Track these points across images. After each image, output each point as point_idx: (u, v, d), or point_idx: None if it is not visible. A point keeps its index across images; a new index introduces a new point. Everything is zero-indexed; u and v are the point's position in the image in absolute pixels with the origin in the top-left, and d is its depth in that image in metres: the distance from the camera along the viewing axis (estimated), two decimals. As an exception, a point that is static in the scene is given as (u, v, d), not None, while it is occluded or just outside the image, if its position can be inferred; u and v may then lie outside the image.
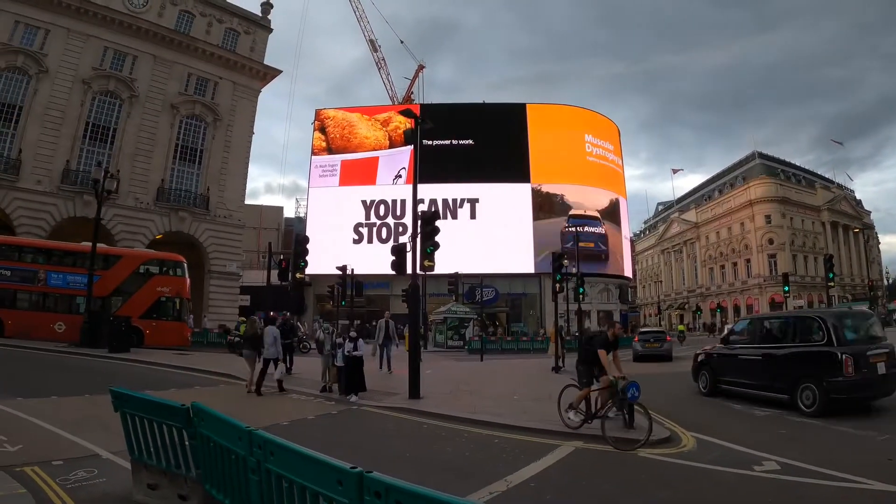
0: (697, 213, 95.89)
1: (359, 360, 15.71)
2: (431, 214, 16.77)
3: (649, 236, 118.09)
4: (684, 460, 9.22)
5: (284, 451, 4.52)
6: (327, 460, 4.01)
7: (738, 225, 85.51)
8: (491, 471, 8.47)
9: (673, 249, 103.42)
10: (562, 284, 27.59)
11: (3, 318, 29.27)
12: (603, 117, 69.26)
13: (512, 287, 59.96)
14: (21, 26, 40.59)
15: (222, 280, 47.13)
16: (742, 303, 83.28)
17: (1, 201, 38.12)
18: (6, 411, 11.69)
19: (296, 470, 4.33)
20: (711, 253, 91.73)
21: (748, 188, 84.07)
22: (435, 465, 8.98)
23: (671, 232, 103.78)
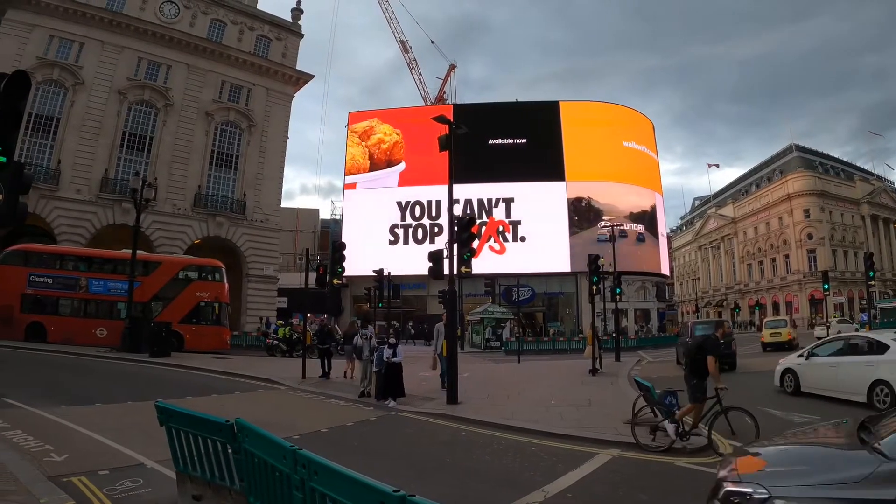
0: (735, 208, 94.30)
1: (397, 366, 15.65)
2: (468, 221, 16.65)
3: (686, 232, 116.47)
4: (722, 470, 8.99)
5: (328, 472, 4.49)
6: (370, 482, 3.94)
7: (776, 220, 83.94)
8: (528, 480, 8.38)
9: (710, 245, 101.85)
10: (598, 285, 27.30)
11: (46, 324, 30.03)
12: (637, 113, 68.27)
13: (548, 286, 59.35)
14: (56, 40, 41.50)
15: (260, 283, 47.53)
16: (781, 300, 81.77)
17: (42, 210, 38.78)
18: (52, 419, 11.84)
19: (339, 490, 4.28)
20: (749, 249, 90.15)
21: (786, 182, 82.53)
22: (472, 474, 8.90)
23: (708, 228, 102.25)
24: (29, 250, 32.47)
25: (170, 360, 25.21)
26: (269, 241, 48.77)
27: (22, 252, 31.85)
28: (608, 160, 60.82)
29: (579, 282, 55.58)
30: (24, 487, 7.01)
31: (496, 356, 37.28)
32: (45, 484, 7.30)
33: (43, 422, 11.60)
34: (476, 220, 16.82)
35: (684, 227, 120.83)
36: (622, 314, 50.49)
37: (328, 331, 24.20)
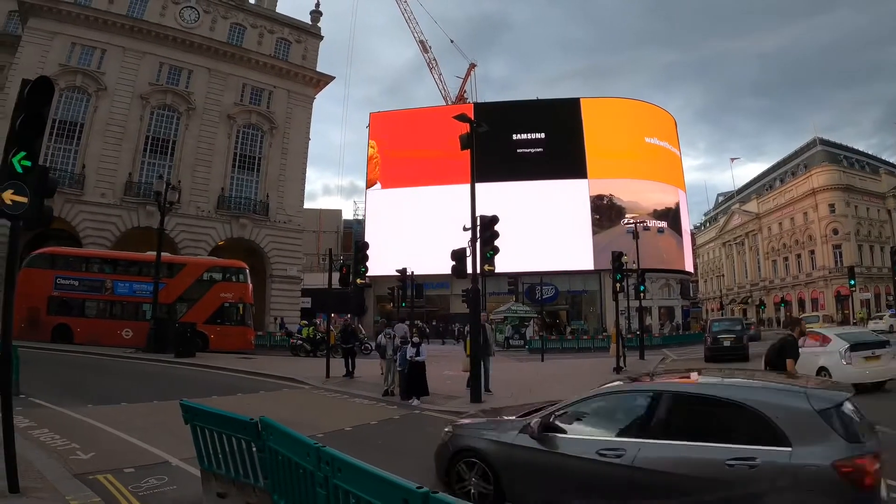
0: (759, 204, 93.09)
1: (421, 365, 15.68)
2: (490, 219, 16.56)
3: (710, 229, 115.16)
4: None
5: (351, 469, 4.51)
6: (394, 479, 3.94)
7: (800, 215, 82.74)
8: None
9: (734, 242, 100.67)
10: (622, 283, 27.12)
11: (73, 325, 30.47)
12: (658, 108, 67.81)
13: (572, 284, 59.25)
14: (78, 47, 42.07)
15: (284, 283, 47.73)
16: (807, 296, 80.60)
17: (67, 214, 39.25)
18: (78, 419, 11.97)
19: (363, 486, 4.29)
20: (774, 245, 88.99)
21: (810, 176, 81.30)
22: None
23: (732, 224, 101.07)
24: (55, 253, 32.93)
25: (195, 360, 25.41)
26: (293, 241, 48.98)
27: (48, 255, 32.31)
28: (630, 157, 60.56)
29: (603, 280, 55.40)
30: (51, 485, 7.07)
31: (520, 355, 37.20)
32: (71, 481, 7.36)
33: (69, 421, 11.72)
34: (498, 219, 16.67)
35: (708, 224, 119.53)
36: (646, 312, 50.17)
37: (352, 330, 24.24)
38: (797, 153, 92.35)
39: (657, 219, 60.74)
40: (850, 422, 5.34)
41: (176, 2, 46.12)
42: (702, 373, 7.90)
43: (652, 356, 31.74)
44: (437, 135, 58.27)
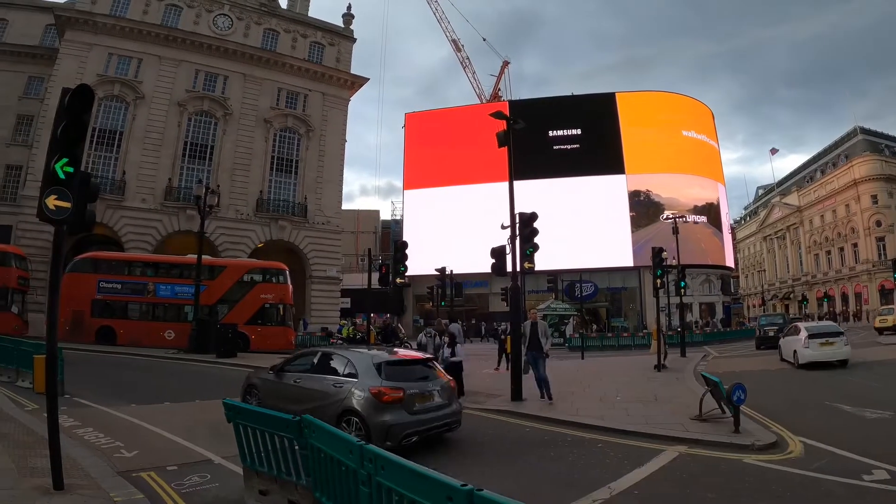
0: (799, 196, 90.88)
1: (457, 365, 15.48)
2: (529, 216, 16.43)
3: (750, 223, 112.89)
4: (790, 468, 8.73)
5: (395, 466, 4.54)
6: (438, 477, 3.98)
7: (842, 207, 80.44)
8: (594, 477, 8.26)
9: (776, 236, 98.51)
10: (662, 279, 26.73)
11: (116, 327, 31.17)
12: (695, 101, 66.88)
13: (611, 281, 58.78)
14: (115, 58, 43.00)
15: (323, 284, 48.00)
16: (850, 291, 78.50)
17: (109, 220, 40.04)
18: (122, 418, 12.16)
19: (406, 484, 4.32)
20: (816, 238, 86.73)
21: (851, 167, 79.00)
22: (538, 472, 8.80)
23: (773, 217, 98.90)
24: (98, 258, 33.70)
25: (236, 360, 25.63)
26: (331, 242, 49.29)
27: (91, 260, 33.08)
28: (668, 151, 59.94)
29: (642, 276, 54.82)
30: (95, 482, 7.14)
31: (559, 353, 36.88)
32: (115, 479, 7.45)
33: (113, 420, 11.91)
34: (537, 216, 16.56)
35: (748, 218, 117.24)
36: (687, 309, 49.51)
37: (392, 329, 24.34)
38: (837, 143, 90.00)
39: (696, 214, 59.90)
40: (392, 371, 10.26)
41: (209, 10, 46.86)
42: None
43: (693, 353, 31.31)
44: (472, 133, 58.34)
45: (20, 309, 32.87)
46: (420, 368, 10.93)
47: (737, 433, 10.56)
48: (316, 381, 10.72)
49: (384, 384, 9.79)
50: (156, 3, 44.94)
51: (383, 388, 9.71)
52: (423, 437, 9.99)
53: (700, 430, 10.96)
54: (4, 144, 44.36)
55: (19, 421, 10.71)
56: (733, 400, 10.68)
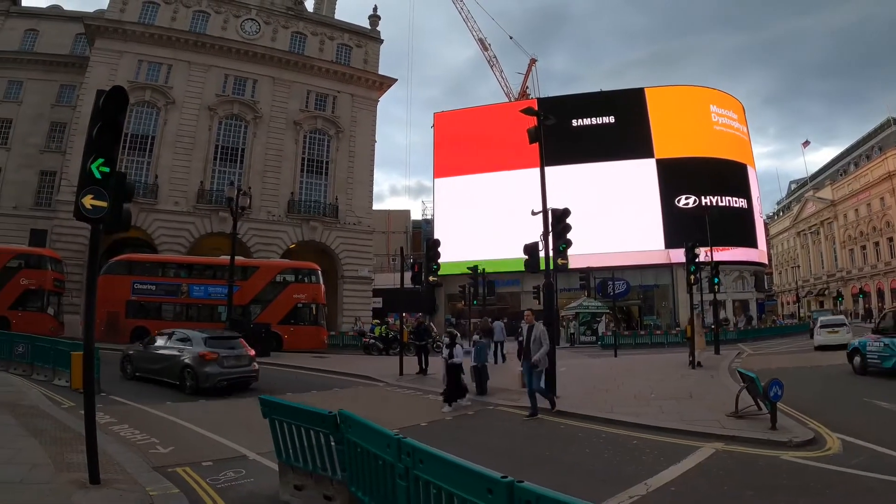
0: (833, 190, 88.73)
1: (456, 367, 14.47)
2: (562, 212, 16.34)
3: (783, 218, 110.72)
4: (828, 464, 8.59)
5: (433, 460, 4.56)
6: (477, 469, 4.03)
7: (877, 200, 78.33)
8: (630, 474, 8.20)
9: (809, 231, 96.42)
10: (695, 275, 26.40)
11: (150, 328, 31.30)
12: (725, 94, 65.94)
13: (644, 279, 58.19)
14: (145, 64, 43.76)
15: (355, 284, 48.23)
16: (886, 286, 76.43)
17: (142, 223, 40.57)
18: (158, 415, 12.32)
19: (445, 477, 4.39)
20: (851, 233, 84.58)
21: (885, 159, 76.76)
22: (573, 468, 8.73)
23: (806, 212, 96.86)
24: (132, 260, 34.32)
25: (269, 359, 25.84)
26: (363, 242, 49.50)
27: (125, 262, 33.69)
28: (699, 146, 59.17)
29: (675, 274, 54.29)
30: (131, 477, 7.22)
31: (592, 351, 36.78)
32: (150, 473, 7.53)
33: (149, 417, 12.06)
34: (570, 212, 16.46)
35: (781, 213, 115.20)
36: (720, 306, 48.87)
37: (425, 328, 24.33)
38: (871, 135, 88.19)
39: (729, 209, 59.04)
40: (212, 342, 16.22)
41: (236, 15, 47.35)
42: None
43: (727, 351, 30.97)
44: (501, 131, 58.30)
45: (56, 310, 33.54)
46: (231, 342, 17.02)
47: (773, 430, 10.41)
48: (168, 350, 16.83)
49: (207, 349, 15.88)
50: (184, 10, 45.61)
51: (206, 352, 15.79)
52: (231, 383, 15.81)
53: (736, 427, 10.82)
54: (38, 151, 45.38)
55: (56, 418, 10.85)
56: (770, 396, 10.54)
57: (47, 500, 6.16)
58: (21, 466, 7.32)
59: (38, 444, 8.67)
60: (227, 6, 47.09)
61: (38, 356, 17.44)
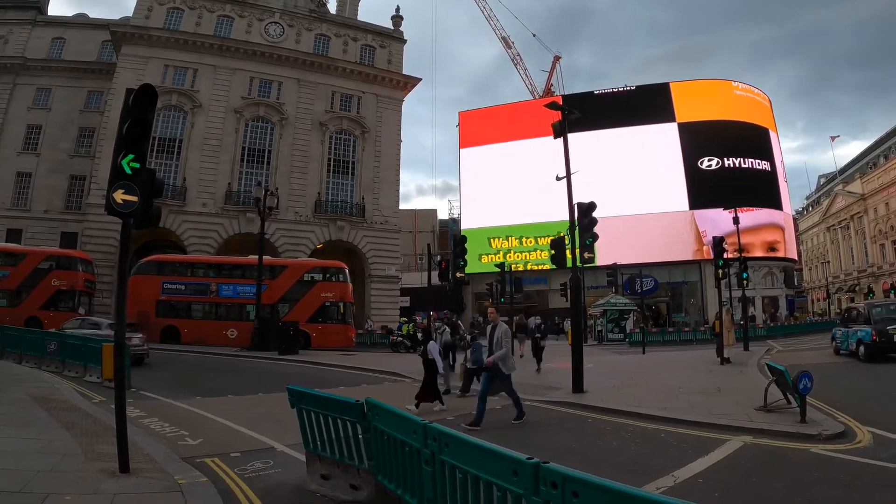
0: (863, 184, 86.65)
1: (430, 364, 13.59)
2: (588, 206, 16.27)
3: (812, 213, 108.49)
4: (859, 457, 8.44)
5: (459, 443, 4.60)
6: (503, 451, 4.09)
7: (908, 193, 77.28)
8: (657, 466, 8.13)
9: (839, 226, 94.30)
10: (724, 270, 26.11)
11: (180, 327, 32.21)
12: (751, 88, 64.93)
13: (671, 276, 57.59)
14: (171, 69, 44.58)
15: (382, 283, 48.46)
16: (918, 282, 75.08)
17: (171, 224, 41.26)
18: (187, 409, 12.50)
19: (470, 461, 4.44)
20: (881, 227, 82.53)
21: (916, 150, 75.86)
22: (600, 461, 8.67)
23: (835, 206, 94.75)
24: (161, 260, 34.95)
25: (297, 357, 26.16)
26: (390, 242, 49.71)
27: (155, 262, 34.29)
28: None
29: (703, 270, 53.85)
30: (160, 466, 7.34)
31: (620, 348, 36.56)
32: (179, 464, 7.64)
33: (178, 411, 12.25)
34: (596, 206, 16.40)
35: (810, 208, 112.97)
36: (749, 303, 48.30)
37: (453, 324, 24.35)
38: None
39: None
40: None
41: (260, 19, 47.89)
42: None
43: (756, 347, 30.66)
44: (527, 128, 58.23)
45: (87, 310, 34.04)
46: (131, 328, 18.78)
47: (803, 423, 10.27)
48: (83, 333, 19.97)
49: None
50: (207, 15, 46.30)
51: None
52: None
53: (765, 420, 10.69)
54: (68, 156, 46.32)
55: (86, 411, 11.06)
56: (799, 388, 10.38)
57: (78, 487, 6.27)
58: (53, 456, 7.46)
59: (69, 435, 8.83)
60: (251, 10, 47.65)
61: (70, 353, 17.82)
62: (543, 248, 58.71)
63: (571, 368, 15.58)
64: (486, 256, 61.92)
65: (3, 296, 32.84)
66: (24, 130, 46.17)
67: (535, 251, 59.67)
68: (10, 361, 18.77)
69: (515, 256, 61.06)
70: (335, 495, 6.54)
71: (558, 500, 3.57)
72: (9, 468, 6.76)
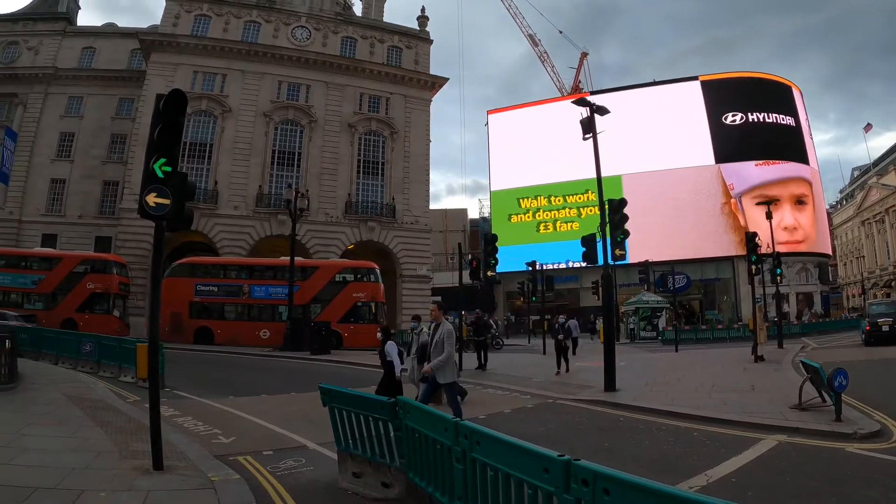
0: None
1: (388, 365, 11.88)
2: (619, 202, 16.20)
3: (846, 207, 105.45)
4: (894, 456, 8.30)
5: (490, 441, 4.63)
6: (534, 448, 4.10)
7: (943, 184, 75.20)
8: (690, 465, 8.08)
9: (874, 220, 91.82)
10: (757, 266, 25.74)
11: (213, 327, 32.62)
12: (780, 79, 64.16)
13: (704, 273, 57.14)
14: (200, 75, 45.39)
15: (414, 283, 48.52)
16: (953, 276, 73.08)
17: (204, 227, 41.82)
18: (220, 408, 12.65)
19: (501, 458, 4.44)
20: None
21: (951, 139, 73.84)
22: (632, 459, 8.59)
23: (870, 199, 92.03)
24: (194, 263, 35.45)
25: (329, 356, 26.34)
26: (420, 242, 49.85)
27: (188, 265, 34.80)
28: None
29: (736, 267, 53.21)
30: (193, 464, 7.44)
31: (652, 346, 36.29)
32: (212, 461, 7.73)
33: (212, 410, 12.40)
34: (626, 202, 16.32)
35: (844, 202, 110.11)
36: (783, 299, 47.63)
37: (484, 323, 24.38)
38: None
39: (793, 204, 57.57)
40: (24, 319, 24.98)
41: (286, 23, 48.48)
42: None
43: (791, 345, 30.28)
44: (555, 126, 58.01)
45: (121, 312, 34.78)
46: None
47: (838, 421, 10.12)
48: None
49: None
50: (234, 21, 46.96)
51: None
52: None
53: (799, 419, 10.57)
54: (101, 162, 47.26)
55: (121, 410, 11.23)
56: (834, 386, 10.23)
57: (112, 484, 6.38)
58: (87, 454, 7.61)
59: (103, 434, 8.99)
60: (277, 15, 48.26)
61: (105, 354, 18.09)
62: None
63: (603, 367, 15.51)
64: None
65: (39, 299, 33.54)
66: (58, 138, 47.22)
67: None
68: (46, 363, 19.07)
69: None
70: (367, 493, 6.58)
71: (589, 497, 3.56)
72: (45, 465, 6.91)
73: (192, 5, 46.37)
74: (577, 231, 56.97)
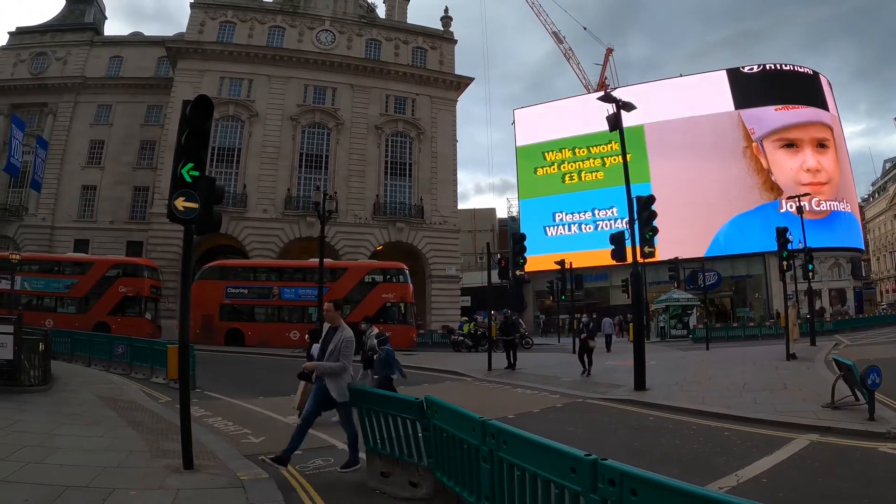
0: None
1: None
2: (647, 199, 16.09)
3: (879, 200, 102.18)
4: (928, 457, 8.12)
5: (517, 440, 4.65)
6: (561, 448, 4.10)
7: (977, 175, 72.97)
8: (720, 465, 8.03)
9: None
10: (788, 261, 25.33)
11: (244, 329, 33.05)
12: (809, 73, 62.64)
13: (735, 269, 56.43)
14: (226, 81, 46.06)
15: (443, 283, 48.60)
16: None
17: (233, 231, 42.32)
18: (250, 408, 12.83)
19: (528, 458, 4.47)
20: (953, 211, 78.89)
21: None
22: (662, 459, 8.55)
23: None
24: (224, 266, 35.93)
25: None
26: (449, 242, 49.88)
27: (218, 268, 35.24)
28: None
29: (767, 263, 52.39)
30: (222, 463, 7.53)
31: (683, 344, 35.98)
32: (241, 461, 7.80)
33: (242, 410, 12.55)
34: (655, 199, 16.19)
35: (877, 195, 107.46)
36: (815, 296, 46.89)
37: (513, 323, 24.36)
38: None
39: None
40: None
41: (311, 27, 48.87)
42: None
43: (824, 342, 29.77)
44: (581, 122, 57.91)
45: (153, 315, 35.26)
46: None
47: (871, 420, 9.99)
48: None
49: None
50: (259, 27, 47.52)
51: None
52: None
53: (832, 418, 10.44)
54: (131, 168, 48.20)
55: (152, 411, 11.42)
56: (867, 384, 10.07)
57: (143, 482, 6.49)
58: (119, 453, 7.74)
59: (135, 433, 9.15)
60: (301, 19, 48.72)
61: (137, 356, 18.44)
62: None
63: (633, 365, 15.44)
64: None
65: (73, 303, 34.23)
66: (88, 146, 48.24)
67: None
68: (79, 365, 19.47)
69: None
70: (395, 492, 6.63)
71: (616, 497, 3.56)
72: (78, 464, 7.04)
73: (216, 12, 47.01)
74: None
